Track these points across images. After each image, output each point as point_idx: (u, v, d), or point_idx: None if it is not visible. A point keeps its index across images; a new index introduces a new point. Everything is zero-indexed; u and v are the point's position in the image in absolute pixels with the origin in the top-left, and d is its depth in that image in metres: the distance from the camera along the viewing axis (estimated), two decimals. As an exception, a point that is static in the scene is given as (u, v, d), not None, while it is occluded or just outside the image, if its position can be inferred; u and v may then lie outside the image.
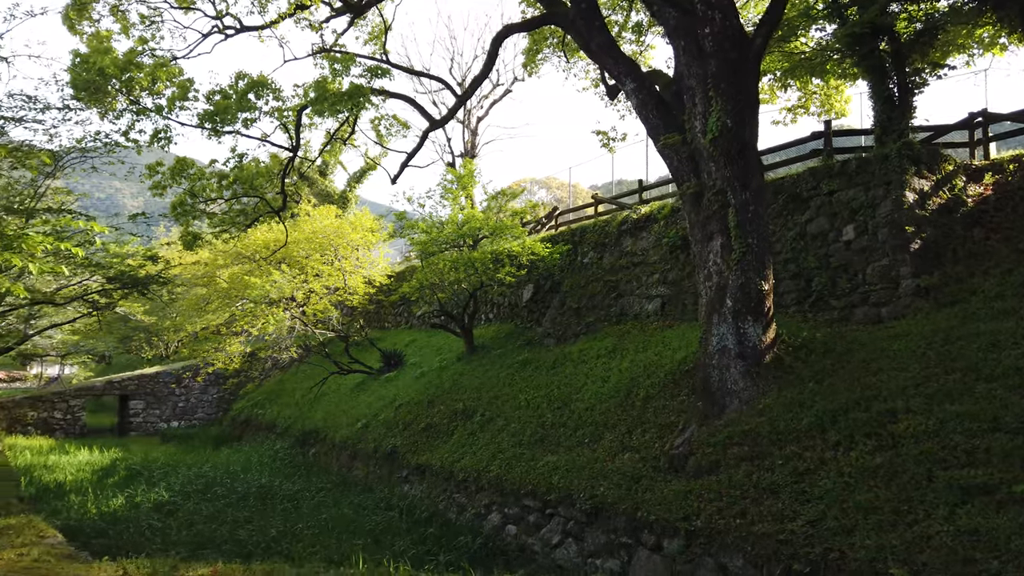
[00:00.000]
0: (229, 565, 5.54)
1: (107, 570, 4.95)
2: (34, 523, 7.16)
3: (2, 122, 9.96)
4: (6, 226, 6.83)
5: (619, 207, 19.10)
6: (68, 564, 5.23)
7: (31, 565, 5.14)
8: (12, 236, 6.22)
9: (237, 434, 26.53)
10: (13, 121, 10.83)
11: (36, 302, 11.81)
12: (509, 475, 12.26)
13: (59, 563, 5.23)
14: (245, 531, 11.97)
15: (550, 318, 18.32)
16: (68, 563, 5.29)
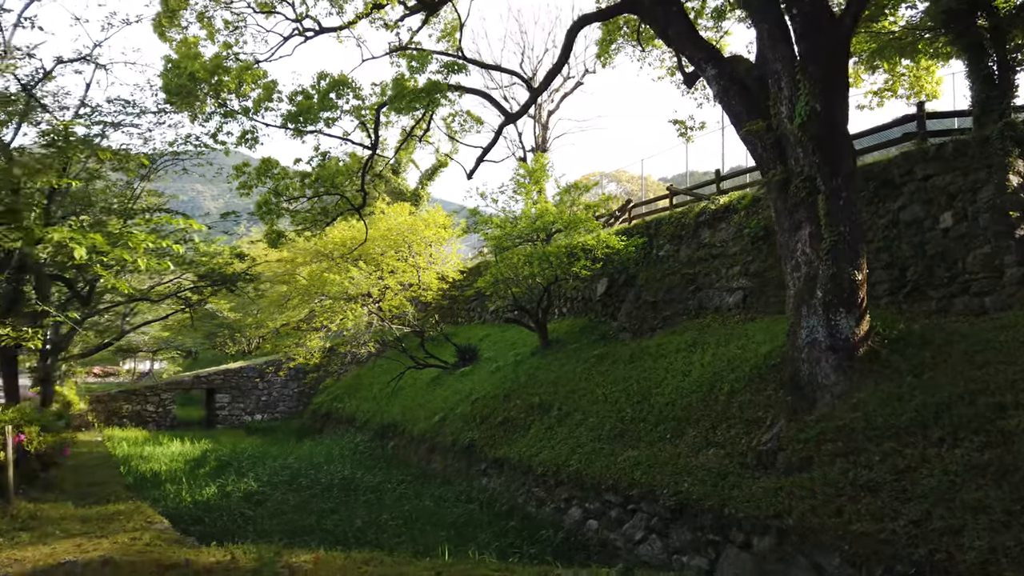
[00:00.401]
0: (330, 552, 5.67)
1: (215, 554, 5.13)
2: (142, 509, 7.51)
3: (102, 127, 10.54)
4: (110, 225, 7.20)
5: (695, 198, 18.69)
6: (178, 548, 5.45)
7: (144, 548, 5.39)
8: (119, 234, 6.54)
9: (318, 427, 27.26)
10: (112, 126, 11.45)
11: (134, 299, 12.41)
12: (589, 470, 12.18)
13: (169, 547, 5.47)
14: (331, 521, 12.29)
15: (625, 312, 18.10)
16: (177, 547, 5.52)
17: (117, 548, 5.42)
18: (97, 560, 4.99)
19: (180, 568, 4.66)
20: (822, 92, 9.31)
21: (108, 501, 8.05)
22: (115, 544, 5.59)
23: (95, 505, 7.56)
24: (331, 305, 23.92)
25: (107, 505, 7.61)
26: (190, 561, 4.81)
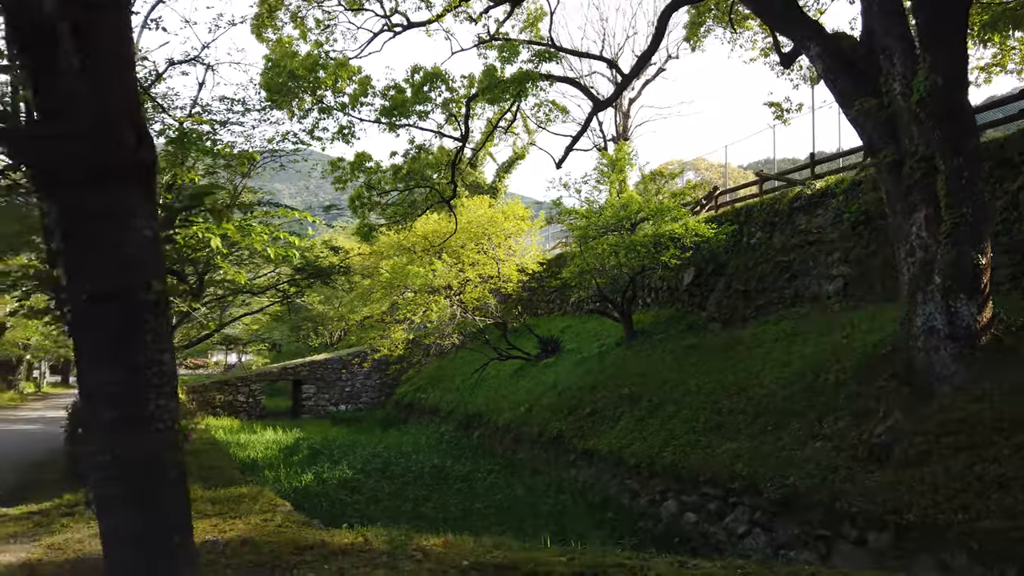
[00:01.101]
0: (459, 536, 5.72)
1: (347, 536, 5.25)
2: (265, 492, 7.78)
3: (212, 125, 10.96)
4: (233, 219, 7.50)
5: (787, 183, 18.09)
6: (309, 530, 5.61)
7: (276, 529, 5.56)
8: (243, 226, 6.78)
9: (402, 417, 27.76)
10: (221, 124, 11.93)
11: (238, 291, 12.90)
12: (685, 462, 11.95)
13: (300, 528, 5.63)
14: (427, 508, 12.49)
15: (715, 302, 17.68)
16: (308, 529, 5.68)
17: (252, 529, 5.62)
18: (236, 539, 5.18)
19: (316, 548, 4.78)
20: (943, 65, 8.80)
21: (230, 484, 8.38)
22: (249, 525, 5.80)
23: (219, 488, 7.89)
24: (413, 298, 24.27)
25: (230, 488, 7.92)
26: (325, 542, 4.93)
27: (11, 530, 6.58)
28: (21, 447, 15.56)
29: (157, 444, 1.92)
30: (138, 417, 1.89)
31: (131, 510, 1.89)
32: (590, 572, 4.05)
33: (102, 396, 1.90)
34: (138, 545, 1.88)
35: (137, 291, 1.93)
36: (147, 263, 1.96)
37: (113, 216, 1.90)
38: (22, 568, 4.88)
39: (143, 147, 1.93)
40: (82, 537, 5.87)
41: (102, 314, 1.90)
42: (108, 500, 1.90)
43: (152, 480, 1.91)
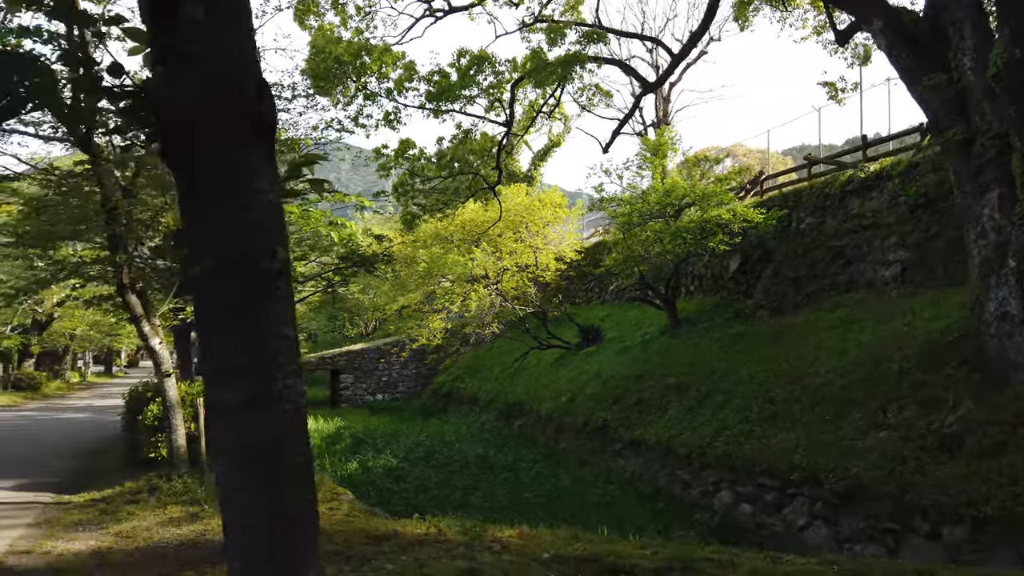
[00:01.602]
0: (534, 528, 5.58)
1: (420, 526, 5.13)
2: (324, 480, 7.71)
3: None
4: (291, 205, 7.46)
5: (837, 167, 17.57)
6: (378, 519, 5.50)
7: (345, 519, 5.47)
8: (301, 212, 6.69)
9: (441, 406, 27.75)
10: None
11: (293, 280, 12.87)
12: (739, 452, 11.68)
13: (368, 518, 5.53)
14: (476, 497, 12.39)
15: (762, 289, 17.28)
16: (377, 518, 5.57)
17: (321, 517, 5.53)
18: (306, 528, 5.11)
19: (391, 539, 4.66)
20: (1022, 37, 8.35)
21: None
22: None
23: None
24: (451, 287, 24.16)
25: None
26: (397, 532, 4.81)
27: (77, 517, 6.58)
28: (76, 435, 15.80)
29: (284, 427, 1.77)
30: (265, 397, 1.74)
31: (256, 499, 1.74)
32: (678, 566, 3.86)
33: (226, 375, 1.75)
34: (263, 537, 1.73)
35: (262, 259, 1.77)
36: (271, 228, 1.80)
37: (237, 177, 1.75)
38: (93, 556, 4.83)
39: (264, 100, 1.78)
40: (149, 525, 5.84)
41: (226, 284, 1.75)
42: (232, 489, 1.76)
43: (279, 467, 1.76)
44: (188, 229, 1.79)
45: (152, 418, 8.29)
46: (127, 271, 7.16)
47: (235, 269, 1.75)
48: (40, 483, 9.03)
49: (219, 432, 1.81)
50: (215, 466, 1.83)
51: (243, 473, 1.75)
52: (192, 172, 1.77)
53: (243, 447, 1.74)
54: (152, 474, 8.12)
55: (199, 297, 1.79)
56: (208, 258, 1.73)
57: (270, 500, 1.74)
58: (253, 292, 1.77)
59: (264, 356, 1.75)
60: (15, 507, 7.43)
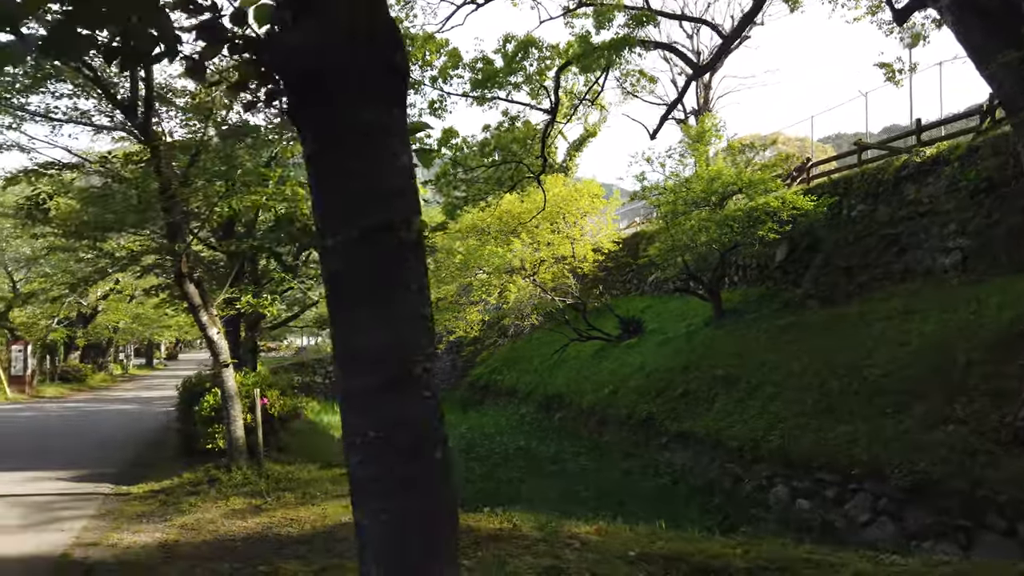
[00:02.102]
0: (611, 524, 5.39)
1: (493, 520, 4.98)
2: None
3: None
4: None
5: (889, 152, 17.02)
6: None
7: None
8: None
9: (478, 399, 27.69)
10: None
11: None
12: (795, 446, 11.36)
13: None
14: (524, 491, 12.25)
15: (811, 279, 16.83)
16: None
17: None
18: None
19: (465, 534, 4.51)
20: (1108, 8, 7.89)
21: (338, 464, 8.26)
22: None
23: (331, 468, 7.77)
24: (488, 279, 24.00)
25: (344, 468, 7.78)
26: (471, 527, 4.67)
27: (139, 509, 6.55)
28: (127, 426, 15.97)
29: (424, 415, 1.60)
30: (404, 383, 1.57)
31: (393, 493, 1.57)
32: (774, 567, 3.65)
33: (362, 358, 1.58)
34: (398, 533, 1.56)
35: (400, 228, 1.60)
36: (408, 194, 1.63)
37: (371, 136, 1.58)
38: (160, 549, 4.75)
39: (398, 49, 1.60)
40: (213, 517, 5.76)
41: (362, 258, 1.58)
42: (367, 480, 1.59)
43: (418, 459, 1.59)
44: (320, 197, 1.62)
45: (209, 409, 8.26)
46: (185, 260, 7.11)
47: (372, 240, 1.57)
48: (98, 474, 9.08)
49: (354, 420, 1.64)
50: (348, 456, 1.67)
51: (380, 465, 1.58)
52: (322, 132, 1.59)
53: (380, 437, 1.57)
54: (210, 465, 8.11)
55: (332, 273, 1.62)
56: (344, 228, 1.56)
57: (408, 494, 1.57)
58: (391, 266, 1.60)
59: (403, 337, 1.58)
60: (77, 498, 7.45)
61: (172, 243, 6.94)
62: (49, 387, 28.94)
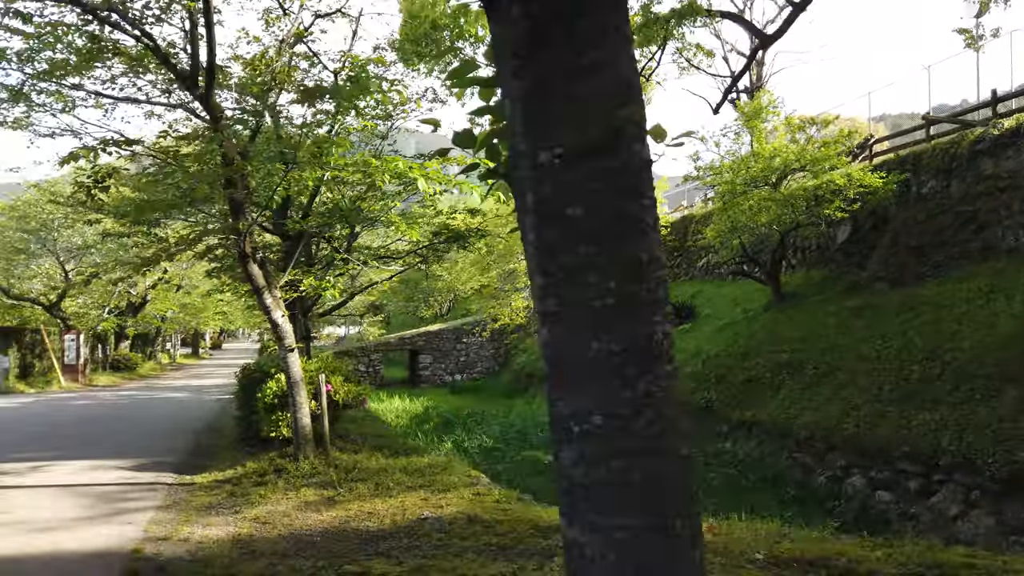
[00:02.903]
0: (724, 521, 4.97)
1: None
2: (455, 463, 7.27)
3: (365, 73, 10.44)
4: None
5: (961, 126, 16.11)
6: (534, 507, 4.99)
7: (496, 505, 4.97)
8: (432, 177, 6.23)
9: (523, 387, 27.37)
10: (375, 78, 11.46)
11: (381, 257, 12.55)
12: (872, 435, 10.77)
13: (526, 506, 5.01)
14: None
15: (878, 259, 16.05)
16: (532, 506, 5.06)
17: (469, 504, 5.05)
18: (461, 517, 4.61)
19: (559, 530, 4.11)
20: None
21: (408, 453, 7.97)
22: (463, 499, 5.25)
23: (399, 456, 7.47)
24: (534, 265, 23.57)
25: (412, 457, 7.48)
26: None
27: (206, 500, 6.29)
28: (181, 414, 15.94)
29: (665, 398, 1.19)
30: (639, 352, 1.17)
31: (626, 504, 1.16)
32: (931, 574, 3.18)
33: (580, 317, 1.17)
34: (631, 559, 1.16)
35: (634, 141, 1.20)
36: (636, 98, 1.22)
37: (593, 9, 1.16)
38: (234, 544, 4.46)
39: None
40: (286, 510, 5.47)
41: (585, 178, 1.17)
42: (590, 487, 1.18)
43: (658, 458, 1.18)
44: (530, 98, 1.22)
45: (272, 396, 7.99)
46: (249, 240, 6.81)
47: (599, 154, 1.16)
48: (158, 463, 8.92)
49: (569, 401, 1.23)
50: (557, 451, 1.26)
51: (608, 462, 1.17)
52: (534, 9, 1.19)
53: (611, 424, 1.16)
54: (274, 454, 7.85)
55: (539, 200, 1.21)
56: (565, 135, 1.15)
57: (645, 507, 1.16)
58: (620, 191, 1.19)
59: (636, 288, 1.17)
60: (140, 488, 7.25)
61: (235, 221, 6.65)
62: (101, 376, 29.39)
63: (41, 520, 6.02)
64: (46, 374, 26.37)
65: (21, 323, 28.73)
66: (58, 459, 9.68)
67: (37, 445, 11.29)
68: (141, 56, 6.34)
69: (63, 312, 27.51)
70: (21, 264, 26.91)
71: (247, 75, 6.75)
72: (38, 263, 27.70)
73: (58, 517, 6.15)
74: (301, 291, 8.57)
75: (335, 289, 8.49)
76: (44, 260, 27.31)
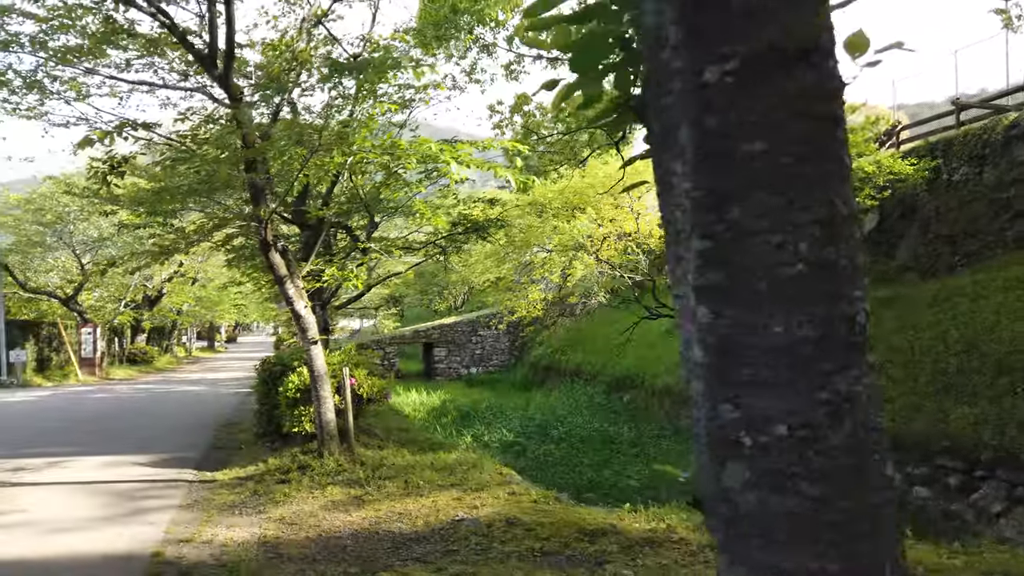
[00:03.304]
0: None
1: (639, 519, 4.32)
2: (485, 460, 7.01)
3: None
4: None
5: (993, 111, 15.63)
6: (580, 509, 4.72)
7: (534, 506, 4.70)
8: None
9: (539, 379, 27.14)
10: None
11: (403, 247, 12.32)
12: (907, 429, 10.42)
13: (567, 508, 4.74)
14: (607, 476, 11.59)
15: (908, 249, 15.63)
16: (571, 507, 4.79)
17: (505, 505, 4.78)
18: (499, 519, 4.35)
19: (608, 535, 3.86)
20: None
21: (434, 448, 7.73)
22: (498, 500, 4.97)
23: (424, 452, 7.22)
24: (550, 257, 23.27)
25: (440, 453, 7.23)
26: (616, 527, 4.00)
27: (228, 499, 6.06)
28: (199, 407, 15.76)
29: (871, 400, 0.91)
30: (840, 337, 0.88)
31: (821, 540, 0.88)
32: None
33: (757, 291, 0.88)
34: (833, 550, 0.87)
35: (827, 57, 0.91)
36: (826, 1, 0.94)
37: None
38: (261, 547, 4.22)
39: None
40: (312, 509, 5.22)
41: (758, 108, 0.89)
42: (769, 518, 0.90)
43: (865, 475, 0.90)
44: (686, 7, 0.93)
45: (294, 389, 7.73)
46: (270, 227, 6.55)
47: (788, 70, 0.88)
48: (177, 458, 8.71)
49: (736, 405, 0.94)
50: (713, 469, 0.98)
51: (794, 489, 0.89)
52: None
53: (795, 436, 0.88)
54: (296, 450, 7.61)
55: (702, 134, 0.93)
56: (742, 43, 0.87)
57: (844, 547, 0.88)
58: (814, 120, 0.90)
59: (833, 252, 0.88)
60: (159, 485, 7.03)
61: (256, 208, 6.40)
62: (118, 369, 29.40)
63: (57, 520, 5.81)
64: (63, 367, 26.39)
65: (38, 317, 28.78)
66: (75, 455, 9.52)
67: (54, 440, 11.15)
68: (157, 38, 6.11)
69: (80, 305, 27.50)
70: (37, 257, 26.88)
71: (268, 57, 6.48)
72: (54, 256, 27.67)
73: (75, 517, 5.94)
74: (323, 281, 8.31)
75: (358, 279, 8.23)
76: (60, 253, 27.27)
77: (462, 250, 16.99)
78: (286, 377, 7.89)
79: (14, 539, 5.21)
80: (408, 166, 5.91)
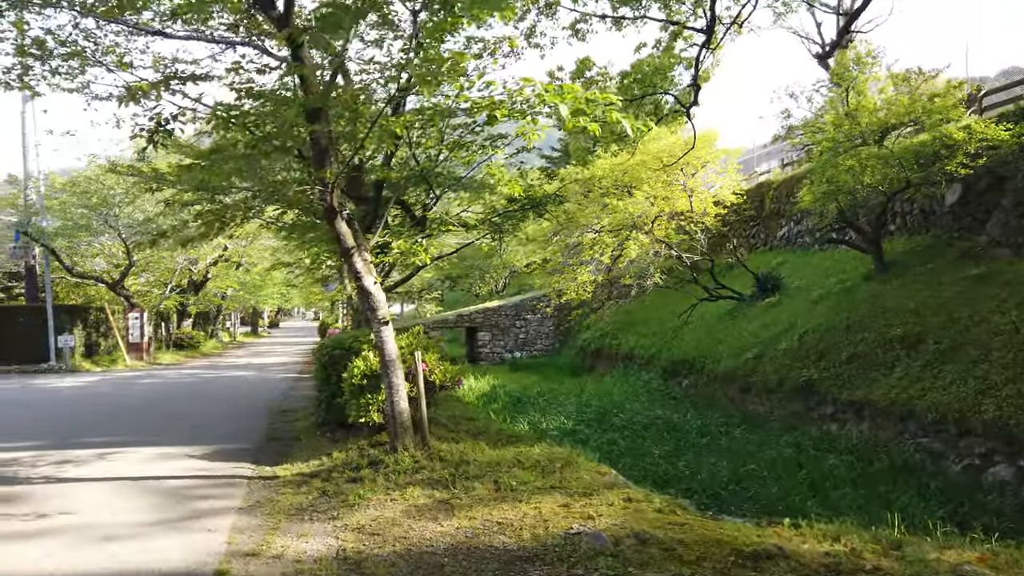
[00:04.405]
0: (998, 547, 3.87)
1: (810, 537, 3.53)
2: (575, 455, 6.28)
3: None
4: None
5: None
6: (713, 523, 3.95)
7: (659, 516, 3.95)
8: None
9: (588, 364, 26.37)
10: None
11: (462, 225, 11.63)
12: (1019, 418, 9.41)
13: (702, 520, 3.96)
14: (680, 468, 10.81)
15: (998, 223, 14.42)
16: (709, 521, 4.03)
17: (622, 514, 4.04)
18: (626, 534, 3.61)
19: (774, 559, 3.10)
20: None
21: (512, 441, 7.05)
22: (612, 507, 4.23)
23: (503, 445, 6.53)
24: (600, 237, 22.39)
25: (520, 447, 6.53)
26: (783, 550, 3.24)
27: (294, 500, 5.41)
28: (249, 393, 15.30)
29: None
30: None
31: None
32: None
33: None
34: None
35: None
36: None
37: None
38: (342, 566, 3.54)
39: None
40: (394, 516, 4.54)
41: None
42: None
43: None
44: None
45: (360, 375, 7.04)
46: (336, 192, 5.87)
47: None
48: (233, 450, 8.16)
49: None
50: None
51: None
52: None
53: None
54: (363, 443, 6.96)
55: None
56: None
57: None
58: None
59: None
60: (215, 482, 6.44)
61: (320, 169, 5.71)
62: (165, 354, 29.42)
63: (103, 525, 5.20)
64: (111, 352, 26.42)
65: (86, 302, 28.89)
66: (125, 445, 9.04)
67: (102, 429, 10.75)
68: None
69: (126, 290, 27.49)
70: (84, 241, 26.88)
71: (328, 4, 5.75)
72: (100, 241, 27.66)
73: (123, 521, 5.34)
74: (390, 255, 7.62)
75: (426, 254, 7.54)
76: (106, 237, 27.23)
77: (519, 228, 16.19)
78: (348, 362, 7.22)
79: (55, 549, 4.59)
80: (502, 112, 5.12)
